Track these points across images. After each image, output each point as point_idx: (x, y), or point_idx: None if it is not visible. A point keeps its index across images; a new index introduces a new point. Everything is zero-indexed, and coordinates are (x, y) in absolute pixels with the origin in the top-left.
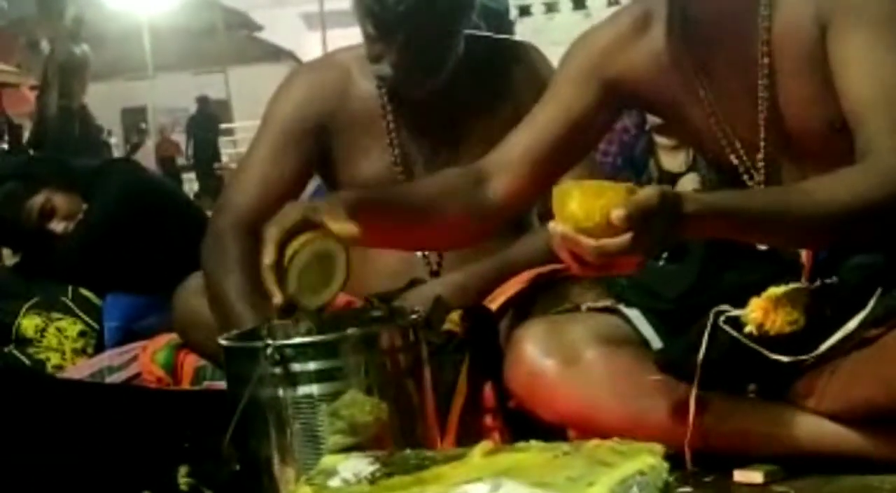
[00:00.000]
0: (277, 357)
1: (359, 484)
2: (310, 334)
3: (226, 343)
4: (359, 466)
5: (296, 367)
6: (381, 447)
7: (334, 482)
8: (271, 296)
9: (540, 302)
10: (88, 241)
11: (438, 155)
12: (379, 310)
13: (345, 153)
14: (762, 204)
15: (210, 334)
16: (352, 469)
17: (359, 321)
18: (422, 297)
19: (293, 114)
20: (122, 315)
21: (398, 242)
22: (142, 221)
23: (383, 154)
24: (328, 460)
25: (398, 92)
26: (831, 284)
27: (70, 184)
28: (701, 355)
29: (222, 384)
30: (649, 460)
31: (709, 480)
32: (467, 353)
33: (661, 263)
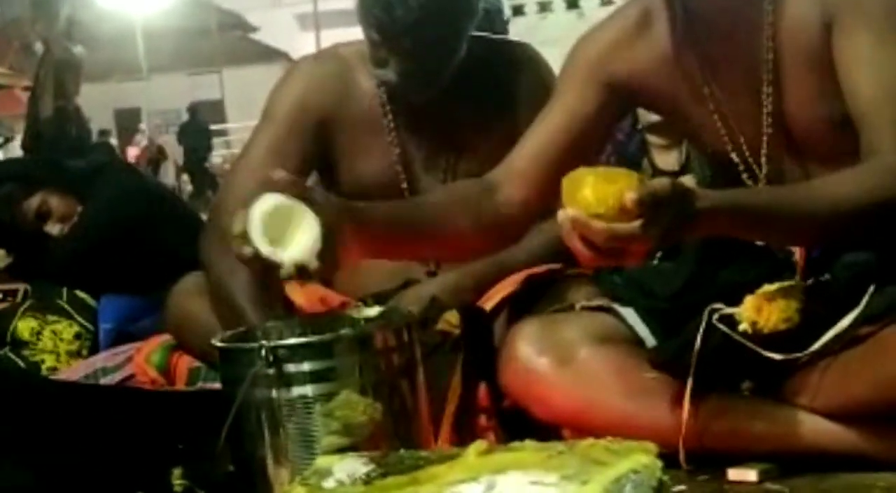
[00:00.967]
0: (271, 358)
1: (353, 485)
2: (304, 335)
3: (220, 344)
4: (353, 466)
5: (290, 368)
6: (376, 447)
7: (329, 483)
8: (238, 252)
9: (535, 304)
10: (84, 243)
11: (439, 155)
12: (373, 310)
13: (345, 150)
14: (771, 201)
15: (204, 335)
16: (346, 470)
17: (353, 322)
18: (417, 297)
19: (294, 106)
20: (117, 317)
21: (410, 254)
22: (137, 224)
23: (384, 153)
24: (322, 460)
25: (401, 95)
26: (825, 281)
27: (66, 186)
28: (695, 352)
29: (217, 385)
30: (643, 458)
31: (703, 478)
32: (462, 353)
33: (656, 261)
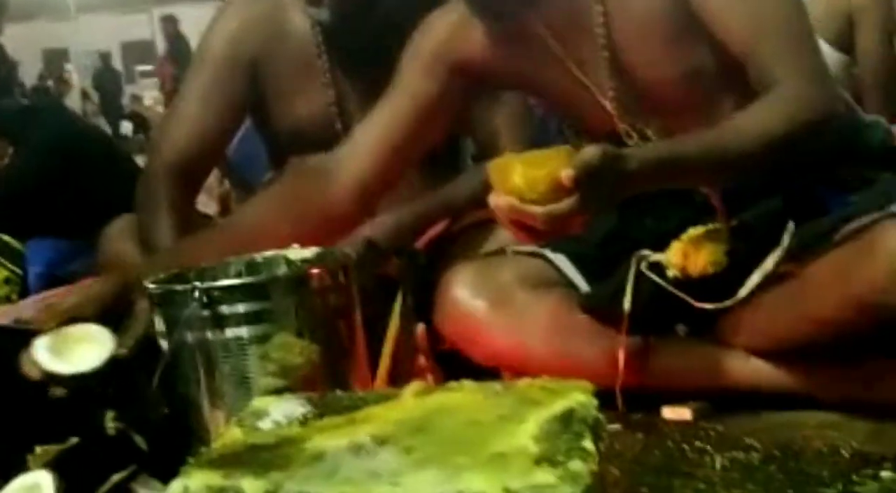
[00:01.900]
0: (206, 300)
1: (290, 426)
2: (238, 276)
3: (153, 286)
4: (290, 407)
5: (224, 309)
6: (313, 388)
7: (265, 424)
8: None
9: (461, 241)
10: (13, 187)
11: (374, 96)
12: (309, 252)
13: (279, 91)
14: (699, 148)
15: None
16: (283, 411)
17: (289, 263)
18: (353, 239)
19: (226, 47)
20: (46, 260)
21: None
22: (69, 168)
23: (319, 94)
24: (259, 402)
25: (335, 35)
26: (746, 223)
27: None
28: (627, 303)
29: None
30: (579, 397)
31: (638, 417)
32: (399, 294)
33: None
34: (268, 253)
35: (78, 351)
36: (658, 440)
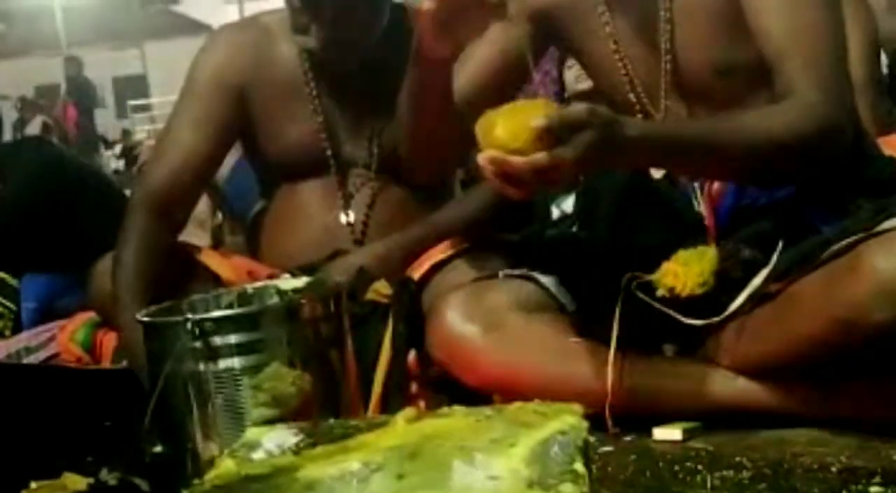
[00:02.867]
0: (198, 331)
1: (283, 455)
2: (230, 307)
3: (144, 319)
4: (283, 437)
5: (216, 341)
6: (306, 418)
7: (258, 455)
8: None
9: (457, 268)
10: (4, 222)
11: (363, 122)
12: (301, 281)
13: (268, 118)
14: (698, 133)
15: None
16: (276, 441)
17: (280, 293)
18: (345, 267)
19: (214, 76)
20: (39, 295)
21: None
22: (57, 201)
23: (307, 121)
24: (252, 432)
25: (323, 63)
26: (736, 245)
27: None
28: (616, 321)
29: None
30: (569, 420)
31: (629, 438)
32: (390, 322)
33: (574, 229)
34: (258, 284)
35: None
36: (649, 460)
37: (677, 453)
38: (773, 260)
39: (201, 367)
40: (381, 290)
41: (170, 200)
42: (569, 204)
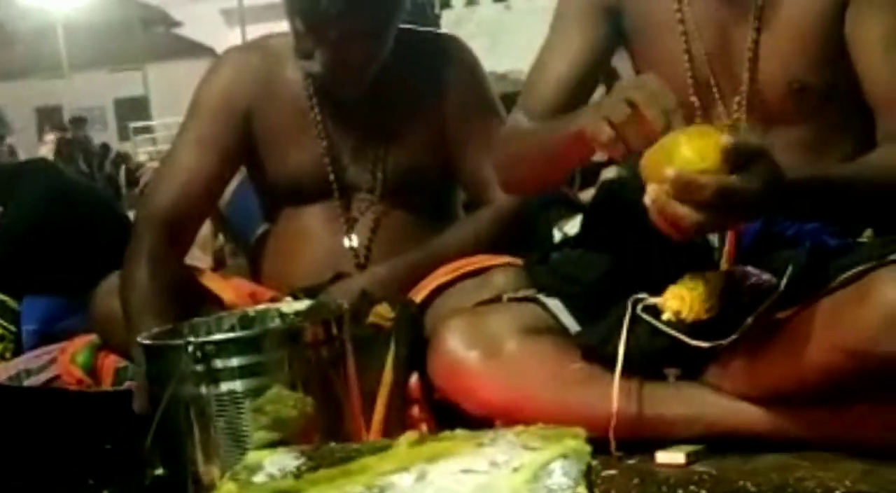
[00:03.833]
0: (199, 355)
1: (284, 479)
2: (232, 330)
3: (146, 342)
4: (284, 460)
5: (218, 364)
6: (307, 441)
7: (259, 478)
8: None
9: (459, 291)
10: (5, 246)
11: (367, 147)
12: (302, 304)
13: (272, 142)
14: (844, 178)
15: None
16: (277, 464)
17: (282, 316)
18: (347, 290)
19: (219, 99)
20: (40, 318)
21: None
22: (60, 224)
23: (311, 145)
24: (253, 456)
25: (326, 87)
26: (745, 270)
27: None
28: (621, 343)
29: None
30: (572, 443)
31: (632, 462)
32: (393, 345)
33: (579, 250)
34: (260, 307)
35: None
36: (652, 484)
37: (680, 476)
38: (782, 285)
39: (203, 390)
40: (383, 313)
41: (176, 221)
42: (570, 226)
